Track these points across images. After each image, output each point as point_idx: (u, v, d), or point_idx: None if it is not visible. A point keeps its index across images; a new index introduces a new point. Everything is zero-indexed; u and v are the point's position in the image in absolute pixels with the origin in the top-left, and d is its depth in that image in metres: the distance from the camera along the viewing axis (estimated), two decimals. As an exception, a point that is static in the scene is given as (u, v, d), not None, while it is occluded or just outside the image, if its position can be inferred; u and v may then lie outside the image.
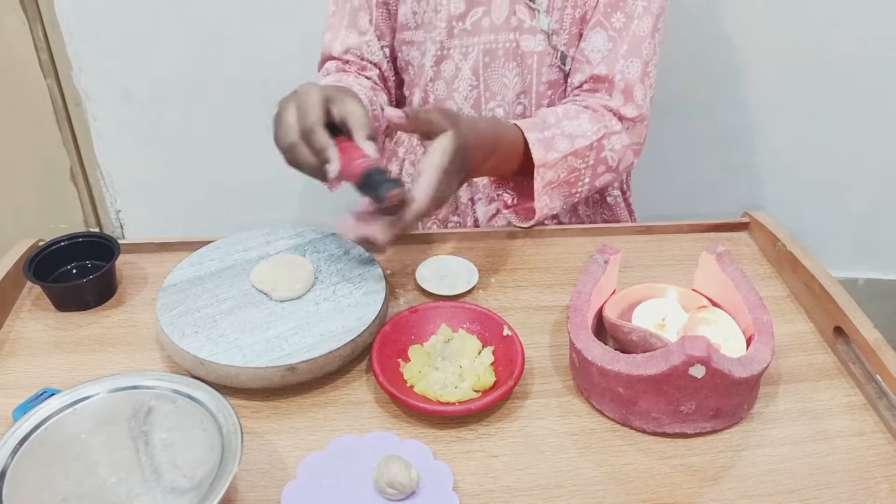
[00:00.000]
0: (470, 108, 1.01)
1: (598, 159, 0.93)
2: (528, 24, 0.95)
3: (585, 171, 0.93)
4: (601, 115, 0.94)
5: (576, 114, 0.93)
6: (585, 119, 0.92)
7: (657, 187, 1.75)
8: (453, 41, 0.97)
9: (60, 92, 1.68)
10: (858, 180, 1.75)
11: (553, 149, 0.88)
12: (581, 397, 0.70)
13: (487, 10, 0.95)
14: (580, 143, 0.90)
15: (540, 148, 0.86)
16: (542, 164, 0.86)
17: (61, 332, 0.78)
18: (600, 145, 0.92)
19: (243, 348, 0.68)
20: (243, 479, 0.61)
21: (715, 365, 0.61)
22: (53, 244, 0.83)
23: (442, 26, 0.96)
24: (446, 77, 1.00)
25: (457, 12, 0.95)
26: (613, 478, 0.63)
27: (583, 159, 0.91)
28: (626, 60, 0.94)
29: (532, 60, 0.97)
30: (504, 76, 0.99)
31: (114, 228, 1.88)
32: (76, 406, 0.61)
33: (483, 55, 0.97)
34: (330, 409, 0.69)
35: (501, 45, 0.96)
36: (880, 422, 0.68)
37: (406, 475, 0.58)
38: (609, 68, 0.94)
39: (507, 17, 0.95)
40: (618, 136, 0.94)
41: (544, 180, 0.88)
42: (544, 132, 0.88)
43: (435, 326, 0.75)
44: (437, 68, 1.00)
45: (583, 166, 0.92)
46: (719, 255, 0.75)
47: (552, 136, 0.88)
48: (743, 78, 1.61)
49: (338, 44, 1.02)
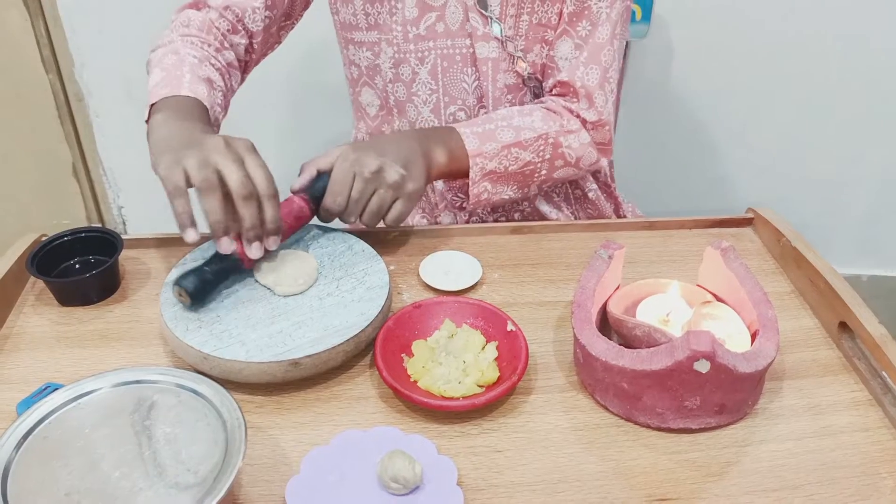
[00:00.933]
0: (430, 112, 1.01)
1: (555, 154, 0.95)
2: (482, 31, 0.95)
3: (541, 164, 0.95)
4: (558, 115, 0.96)
5: (529, 111, 0.95)
6: (538, 116, 0.95)
7: (662, 184, 1.76)
8: (409, 45, 0.97)
9: (62, 88, 1.68)
10: (862, 178, 1.75)
11: (493, 139, 0.91)
12: (585, 392, 0.70)
13: (441, 15, 0.94)
14: (526, 135, 0.92)
15: (474, 140, 0.90)
16: (478, 154, 0.90)
17: (64, 328, 0.78)
18: (556, 141, 0.95)
19: (247, 343, 0.68)
20: (247, 474, 0.61)
21: (720, 360, 0.61)
22: (56, 239, 0.83)
23: (398, 30, 0.96)
24: (405, 80, 1.00)
25: (410, 17, 0.94)
26: (617, 473, 0.62)
27: (534, 152, 0.94)
28: (586, 68, 0.96)
29: (487, 67, 0.97)
30: (463, 81, 0.99)
31: (116, 224, 1.88)
32: (80, 401, 0.61)
33: (441, 60, 0.97)
34: (334, 403, 0.69)
35: (458, 50, 0.96)
36: (885, 417, 0.68)
37: (410, 470, 0.57)
38: (570, 75, 0.96)
39: (462, 23, 0.95)
40: (575, 134, 0.96)
41: (486, 169, 0.91)
42: (485, 125, 0.92)
43: (438, 321, 0.75)
44: (395, 70, 0.99)
45: (537, 160, 0.94)
46: (724, 251, 0.75)
47: (494, 129, 0.92)
48: (747, 76, 1.61)
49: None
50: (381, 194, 0.82)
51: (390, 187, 0.82)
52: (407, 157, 0.84)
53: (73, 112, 1.72)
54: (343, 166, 0.81)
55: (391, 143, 0.86)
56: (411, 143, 0.87)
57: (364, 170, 0.80)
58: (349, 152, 0.81)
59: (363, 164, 0.81)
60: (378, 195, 0.82)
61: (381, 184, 0.81)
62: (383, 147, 0.84)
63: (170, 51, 0.89)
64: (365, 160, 0.81)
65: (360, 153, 0.81)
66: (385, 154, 0.82)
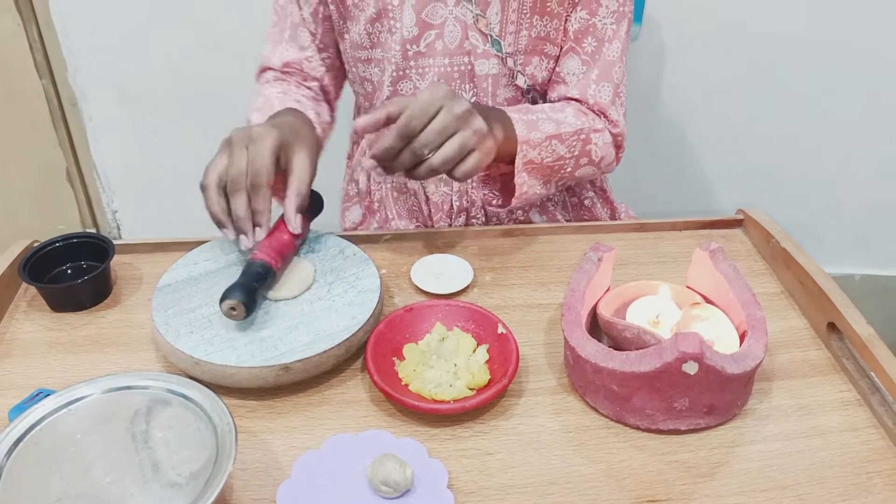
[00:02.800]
0: None
1: (583, 151, 0.95)
2: (482, 49, 0.95)
3: (570, 160, 0.94)
4: (586, 112, 0.96)
5: (561, 107, 0.95)
6: (571, 112, 0.94)
7: (654, 184, 1.76)
8: (409, 62, 0.97)
9: (56, 92, 1.68)
10: (855, 177, 1.75)
11: (537, 129, 0.89)
12: (575, 395, 0.70)
13: (440, 33, 0.94)
14: (566, 129, 0.91)
15: (523, 126, 0.87)
16: (525, 142, 0.87)
17: (56, 333, 0.78)
18: (587, 138, 0.94)
19: (238, 348, 0.69)
20: (238, 479, 0.62)
21: (708, 361, 0.61)
22: (48, 245, 0.83)
23: (396, 49, 0.96)
24: (405, 97, 0.99)
25: (410, 35, 0.94)
26: (608, 475, 0.63)
27: (568, 147, 0.92)
28: (598, 85, 0.97)
29: (487, 83, 0.97)
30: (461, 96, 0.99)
31: (110, 228, 1.88)
32: (71, 406, 0.61)
33: (438, 78, 0.97)
34: (325, 407, 0.69)
35: (456, 68, 0.96)
36: (873, 417, 0.68)
37: (401, 473, 0.58)
38: (582, 93, 0.97)
39: (461, 41, 0.95)
40: (601, 133, 0.96)
41: (526, 158, 0.88)
42: (528, 115, 0.90)
43: (430, 325, 0.76)
44: (393, 88, 1.00)
45: (567, 155, 0.93)
46: (713, 252, 0.75)
47: (536, 119, 0.90)
48: (739, 77, 1.62)
49: (277, 57, 1.03)
50: (465, 135, 0.76)
51: (475, 133, 0.77)
52: (487, 117, 0.80)
53: (67, 116, 1.72)
54: (431, 94, 0.75)
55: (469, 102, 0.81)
56: (486, 109, 0.85)
57: (454, 105, 0.75)
58: (440, 85, 0.77)
59: (454, 101, 0.76)
60: (461, 135, 0.76)
61: (468, 127, 0.76)
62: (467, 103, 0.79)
63: (257, 97, 1.00)
64: (456, 99, 0.76)
65: (450, 90, 0.77)
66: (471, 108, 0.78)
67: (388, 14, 0.94)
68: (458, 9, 0.93)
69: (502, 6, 0.92)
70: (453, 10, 0.93)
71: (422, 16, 0.93)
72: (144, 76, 1.65)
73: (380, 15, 0.94)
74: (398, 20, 0.94)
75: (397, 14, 0.93)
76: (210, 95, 1.64)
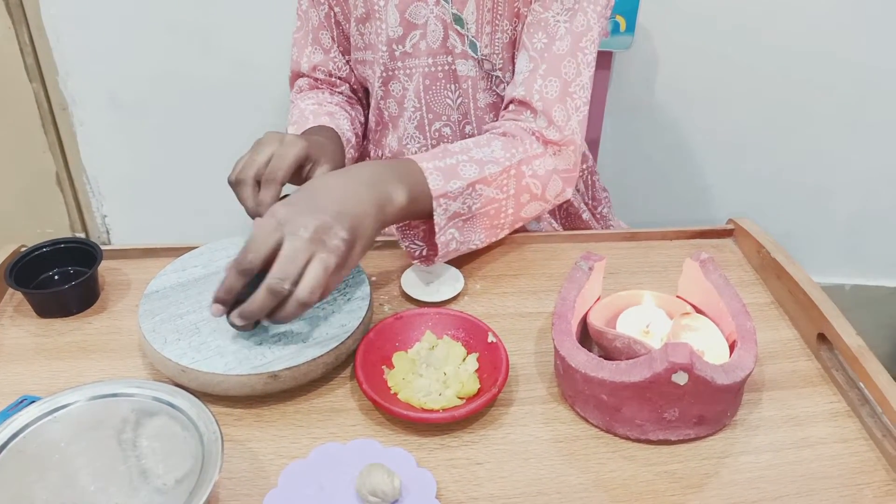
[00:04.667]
0: (415, 128, 1.01)
1: (520, 187, 0.85)
2: (461, 49, 0.95)
3: (506, 201, 0.84)
4: (518, 140, 0.86)
5: (487, 141, 0.85)
6: (498, 146, 0.84)
7: (646, 193, 1.76)
8: (396, 63, 0.97)
9: (46, 97, 1.67)
10: (846, 187, 1.76)
11: (457, 177, 0.79)
12: (565, 404, 0.70)
13: (424, 33, 0.94)
14: (491, 170, 0.81)
15: (438, 178, 0.78)
16: (442, 195, 0.78)
17: (43, 339, 0.77)
18: (519, 172, 0.84)
19: (226, 356, 0.68)
20: (224, 488, 0.61)
21: (698, 372, 0.61)
22: (35, 250, 0.82)
23: (383, 49, 0.96)
24: (396, 96, 1.01)
25: (395, 35, 0.95)
26: (597, 485, 0.62)
27: (499, 189, 0.83)
28: (544, 80, 0.88)
29: (468, 85, 0.97)
30: (447, 97, 0.99)
31: (100, 234, 1.87)
32: (55, 414, 0.60)
33: (423, 78, 0.97)
34: (313, 416, 0.69)
35: (440, 67, 0.96)
36: (863, 428, 0.68)
37: (389, 483, 0.57)
38: (528, 90, 0.88)
39: (443, 40, 0.95)
40: (539, 159, 0.87)
41: (448, 212, 0.79)
42: (445, 160, 0.80)
43: (419, 333, 0.75)
44: (385, 88, 1.00)
45: (502, 196, 0.84)
46: (703, 262, 0.75)
47: (456, 164, 0.80)
48: (731, 86, 1.62)
49: (304, 61, 1.05)
50: (323, 258, 0.66)
51: (335, 251, 0.66)
52: (354, 216, 0.69)
53: (58, 121, 1.71)
54: (267, 221, 0.67)
55: (333, 190, 0.71)
56: (359, 192, 0.71)
57: (299, 228, 0.66)
58: (278, 208, 0.68)
59: (296, 224, 0.66)
60: (319, 258, 0.65)
61: (324, 247, 0.66)
62: (322, 199, 0.69)
63: (293, 110, 1.03)
64: (298, 220, 0.66)
65: (292, 211, 0.67)
66: (324, 210, 0.68)
67: (375, 14, 0.95)
68: (437, 8, 0.93)
69: (478, 6, 0.91)
70: (434, 10, 0.93)
71: (405, 15, 0.93)
72: (135, 81, 1.64)
73: (368, 15, 0.95)
74: (384, 20, 0.94)
75: (383, 14, 0.94)
76: (201, 101, 1.64)
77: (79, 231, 1.86)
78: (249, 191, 0.77)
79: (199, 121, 1.64)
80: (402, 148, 1.03)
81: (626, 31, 1.48)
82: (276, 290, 0.64)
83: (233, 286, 0.66)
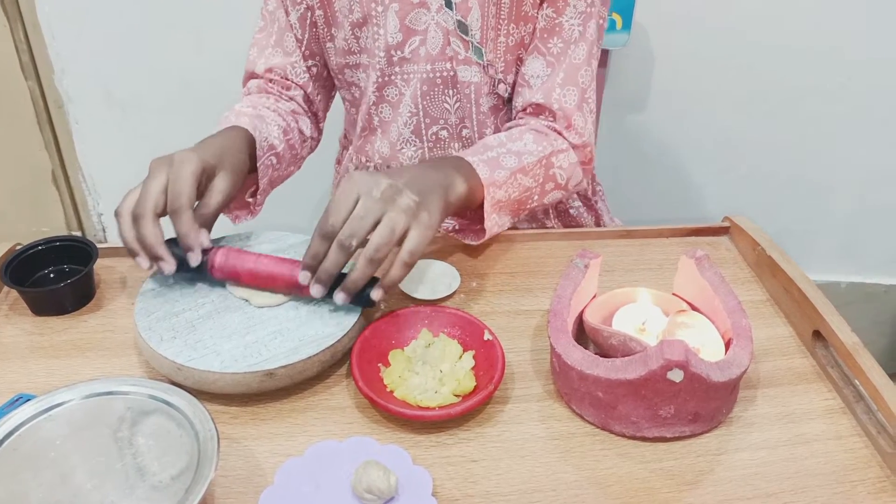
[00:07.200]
0: (411, 132, 1.01)
1: (547, 176, 0.92)
2: (464, 56, 0.94)
3: (535, 188, 0.91)
4: (545, 135, 0.93)
5: (520, 135, 0.91)
6: (530, 139, 0.91)
7: (642, 191, 1.77)
8: (393, 68, 0.96)
9: (42, 94, 1.67)
10: (842, 184, 1.76)
11: (500, 167, 0.85)
12: (561, 402, 0.70)
13: (424, 39, 0.94)
14: (528, 160, 0.88)
15: (485, 168, 0.84)
16: (491, 183, 0.84)
17: (38, 338, 0.77)
18: (549, 162, 0.91)
19: (221, 354, 0.68)
20: (220, 486, 0.61)
21: (693, 369, 0.61)
22: (30, 248, 0.82)
23: (381, 55, 0.95)
24: (391, 101, 1.00)
25: (394, 42, 0.94)
26: (593, 482, 0.63)
27: (532, 177, 0.89)
28: (563, 89, 0.93)
29: (470, 90, 0.97)
30: (444, 102, 0.98)
31: (96, 231, 1.87)
32: (51, 412, 0.60)
33: (421, 84, 0.96)
34: (309, 414, 0.69)
35: (439, 74, 0.96)
36: (857, 425, 0.68)
37: (384, 481, 0.57)
38: (546, 97, 0.93)
39: (442, 47, 0.94)
40: (565, 153, 0.93)
41: (494, 199, 0.85)
42: (487, 153, 0.86)
43: (415, 331, 0.75)
44: (379, 93, 0.99)
45: (533, 185, 0.90)
46: (698, 259, 0.75)
47: (497, 156, 0.86)
48: (727, 84, 1.63)
49: (262, 62, 1.01)
50: (392, 217, 0.70)
51: (404, 212, 0.71)
52: (422, 187, 0.75)
53: (53, 119, 1.71)
54: (345, 186, 0.72)
55: (405, 171, 0.77)
56: (426, 173, 0.79)
57: (373, 189, 0.71)
58: (355, 174, 0.73)
59: (373, 184, 0.71)
60: (388, 217, 0.70)
61: (394, 207, 0.71)
62: (396, 174, 0.75)
63: (229, 110, 0.95)
64: (375, 182, 0.72)
65: (367, 175, 0.73)
66: (397, 178, 0.74)
67: (372, 20, 0.94)
68: (439, 15, 0.92)
69: (482, 13, 0.92)
70: (435, 17, 0.93)
71: (405, 22, 0.93)
72: (131, 79, 1.64)
73: (365, 20, 0.94)
74: (382, 26, 0.93)
75: (381, 20, 0.93)
76: (196, 99, 1.63)
77: (75, 229, 1.86)
78: (125, 224, 0.72)
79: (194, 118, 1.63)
80: (395, 153, 1.03)
81: (623, 29, 1.48)
82: (345, 246, 0.70)
83: (318, 251, 0.71)
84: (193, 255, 0.73)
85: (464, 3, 0.91)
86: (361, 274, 0.71)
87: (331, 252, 0.70)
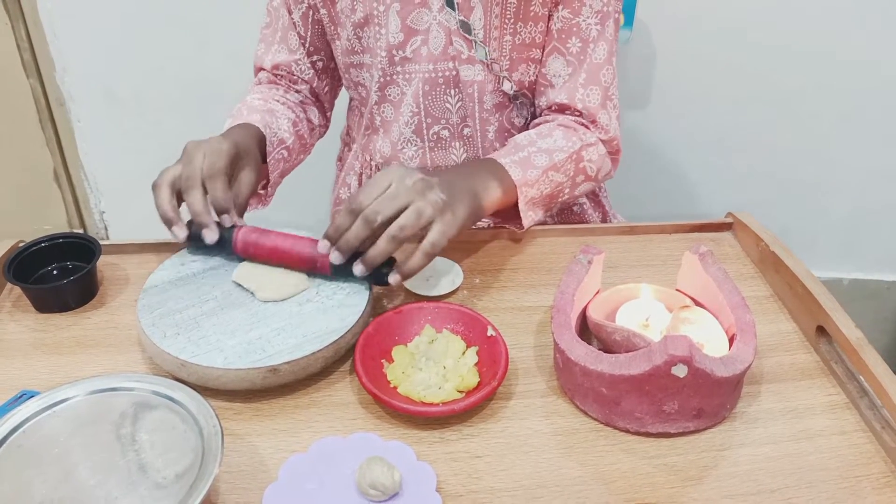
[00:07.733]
0: (412, 132, 1.01)
1: (578, 170, 0.93)
2: (466, 55, 0.94)
3: (566, 182, 0.93)
4: (574, 130, 0.94)
5: (549, 132, 0.93)
6: (559, 135, 0.93)
7: (645, 188, 1.76)
8: (395, 68, 0.97)
9: (44, 92, 1.67)
10: (844, 181, 1.76)
11: (531, 166, 0.88)
12: (565, 397, 0.70)
13: (426, 39, 0.94)
14: (559, 157, 0.90)
15: (517, 169, 0.86)
16: (524, 184, 0.86)
17: (41, 334, 0.77)
18: (579, 157, 0.93)
19: (225, 350, 0.68)
20: (224, 482, 0.61)
21: (697, 365, 0.61)
22: (34, 245, 0.82)
23: (383, 54, 0.96)
24: (393, 101, 1.00)
25: (395, 41, 0.94)
26: (597, 478, 0.62)
27: (563, 172, 0.91)
28: (585, 90, 0.95)
29: (472, 89, 0.97)
30: (446, 101, 0.98)
31: (98, 229, 1.87)
32: (55, 408, 0.60)
33: (423, 83, 0.97)
34: (313, 410, 0.69)
35: (441, 73, 0.96)
36: (861, 421, 0.68)
37: (389, 476, 0.57)
38: (570, 97, 0.95)
39: (444, 47, 0.94)
40: (594, 146, 0.95)
41: (527, 198, 0.88)
42: (518, 154, 0.89)
43: (419, 327, 0.75)
44: (381, 93, 0.99)
45: (565, 179, 0.92)
46: (702, 255, 0.75)
47: (528, 155, 0.89)
48: (729, 81, 1.62)
49: (268, 59, 1.04)
50: (419, 205, 0.73)
51: (432, 204, 0.74)
52: (453, 190, 0.77)
53: (55, 117, 1.71)
54: (381, 173, 0.75)
55: (441, 173, 0.80)
56: (460, 178, 0.81)
57: (407, 178, 0.74)
58: (393, 165, 0.77)
59: (407, 175, 0.75)
60: (416, 205, 0.73)
61: (423, 198, 0.74)
62: (432, 173, 0.78)
63: (241, 102, 1.00)
64: (410, 174, 0.75)
65: (403, 168, 0.76)
66: (432, 178, 0.77)
67: (374, 20, 0.94)
68: (441, 15, 0.92)
69: (485, 12, 0.92)
70: (437, 16, 0.93)
71: (407, 22, 0.93)
72: (133, 77, 1.64)
73: (367, 20, 0.94)
74: (384, 26, 0.93)
75: (383, 20, 0.93)
76: (198, 96, 1.63)
77: (76, 227, 1.86)
78: (165, 194, 0.78)
79: (196, 116, 1.63)
80: (396, 152, 1.03)
81: (625, 26, 1.48)
82: (369, 220, 0.72)
83: (342, 224, 0.74)
84: (227, 218, 0.77)
85: (466, 3, 0.91)
86: (382, 250, 0.73)
87: (355, 225, 0.73)
